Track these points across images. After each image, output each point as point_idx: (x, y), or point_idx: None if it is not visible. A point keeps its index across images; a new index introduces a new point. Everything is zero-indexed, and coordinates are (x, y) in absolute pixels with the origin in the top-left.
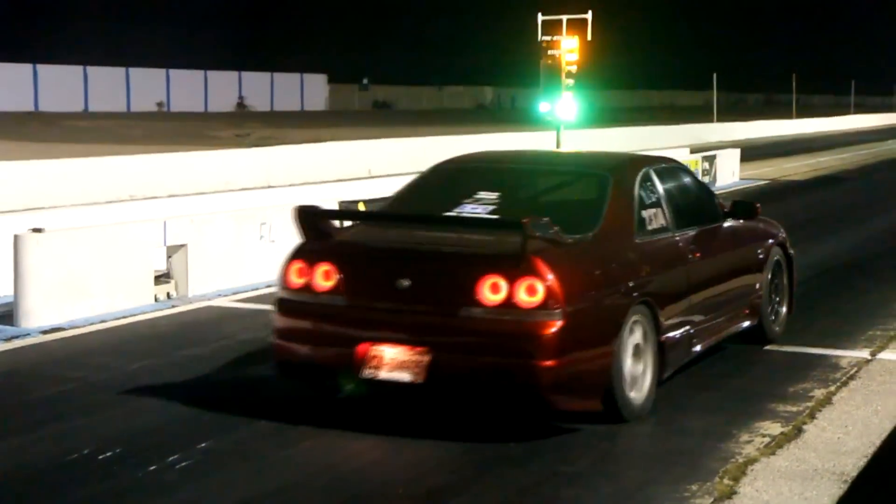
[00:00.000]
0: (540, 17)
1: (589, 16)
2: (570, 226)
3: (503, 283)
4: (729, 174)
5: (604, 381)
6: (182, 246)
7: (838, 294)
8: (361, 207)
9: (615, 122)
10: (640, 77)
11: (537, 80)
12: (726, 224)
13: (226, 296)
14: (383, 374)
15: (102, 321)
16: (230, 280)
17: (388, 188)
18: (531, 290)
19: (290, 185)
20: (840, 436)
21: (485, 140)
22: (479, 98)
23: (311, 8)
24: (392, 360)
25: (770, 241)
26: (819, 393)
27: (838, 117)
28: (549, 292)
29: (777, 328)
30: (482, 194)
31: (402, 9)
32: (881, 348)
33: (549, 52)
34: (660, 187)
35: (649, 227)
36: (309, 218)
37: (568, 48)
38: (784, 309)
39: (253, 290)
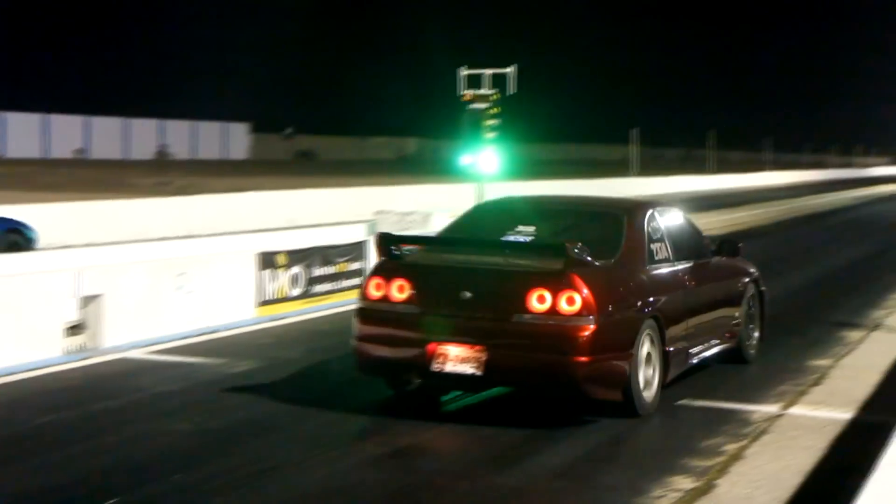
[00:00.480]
0: (463, 71)
1: (512, 70)
2: (593, 254)
3: (548, 295)
4: None
5: (624, 378)
6: (97, 296)
7: None
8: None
9: (537, 175)
10: (561, 131)
11: (460, 133)
12: (713, 260)
13: (141, 347)
14: (449, 368)
15: (10, 374)
16: (146, 331)
17: (311, 239)
18: (571, 301)
19: (211, 235)
20: (750, 491)
21: (406, 192)
22: (401, 149)
23: (235, 56)
24: (456, 357)
25: (746, 277)
26: (731, 448)
27: (754, 173)
28: (585, 303)
29: (752, 351)
30: (521, 227)
31: (326, 59)
32: (791, 403)
33: (472, 105)
34: (662, 225)
35: (656, 258)
36: (385, 242)
37: (490, 101)
38: (757, 334)
39: (170, 341)
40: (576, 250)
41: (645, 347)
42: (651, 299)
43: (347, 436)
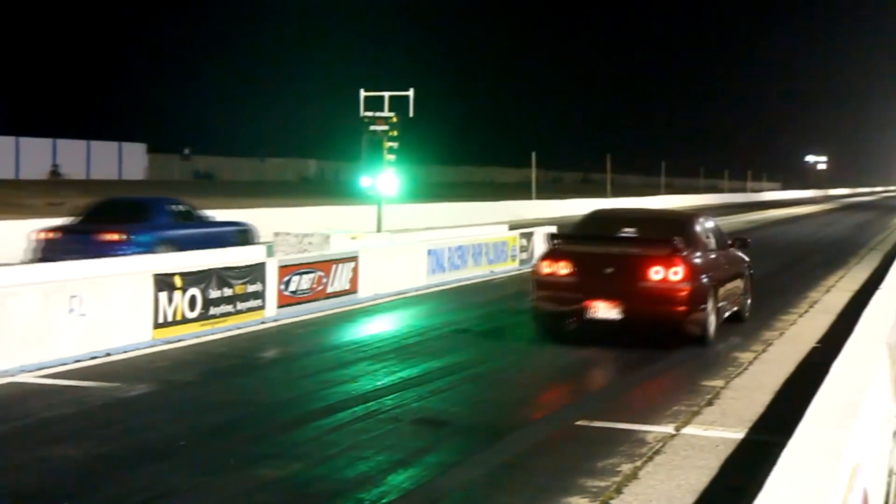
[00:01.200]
0: (363, 93)
1: (411, 93)
2: None
3: (662, 269)
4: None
5: (703, 322)
6: None
7: (645, 370)
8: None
9: (437, 197)
10: (461, 153)
11: (360, 155)
12: (731, 250)
13: (30, 371)
14: (599, 315)
15: None
16: (36, 355)
17: (209, 261)
18: (675, 273)
19: (105, 256)
20: None
21: (307, 213)
22: (302, 171)
23: (131, 76)
24: (603, 308)
25: (744, 262)
26: (626, 468)
27: (650, 197)
28: (683, 274)
29: (746, 313)
30: (625, 228)
31: (227, 79)
32: (685, 423)
33: (371, 127)
34: (707, 226)
35: (708, 248)
36: (552, 237)
37: (390, 124)
38: (749, 302)
39: (61, 364)
40: (677, 241)
41: (710, 303)
42: (711, 273)
43: (241, 461)
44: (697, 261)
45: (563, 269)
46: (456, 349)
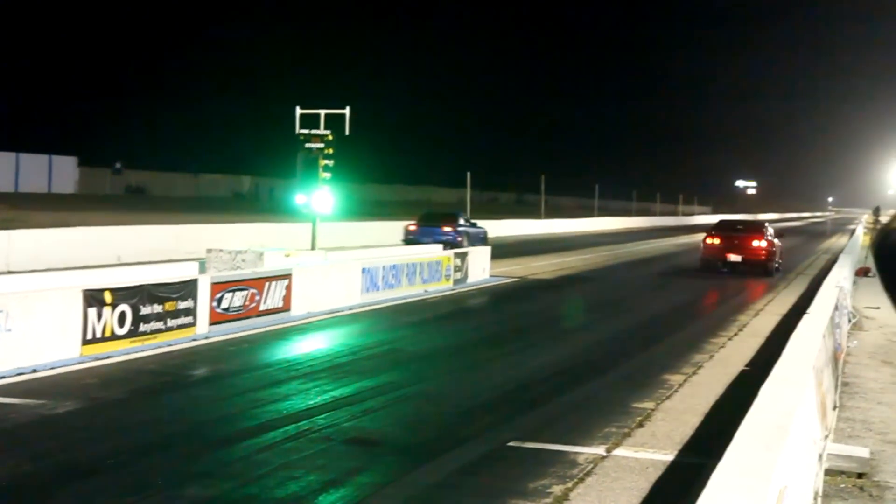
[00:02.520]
0: (298, 111)
1: (347, 111)
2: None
3: (756, 241)
4: (480, 271)
5: (771, 266)
6: None
7: (577, 392)
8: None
9: (372, 215)
10: (397, 172)
11: (295, 172)
12: (776, 239)
13: None
14: (730, 259)
15: None
16: None
17: (140, 277)
18: (761, 243)
19: (33, 271)
20: None
21: (241, 230)
22: (236, 187)
23: (62, 88)
24: (733, 256)
25: (778, 241)
26: (557, 489)
27: (583, 219)
28: (766, 244)
29: (779, 269)
30: (738, 226)
31: (160, 93)
32: (616, 445)
33: (307, 144)
34: (769, 226)
35: (770, 235)
36: (710, 230)
37: (325, 142)
38: (780, 262)
39: None
40: (762, 230)
41: (774, 257)
42: (772, 246)
43: (170, 480)
44: (768, 239)
45: (716, 240)
46: (389, 369)
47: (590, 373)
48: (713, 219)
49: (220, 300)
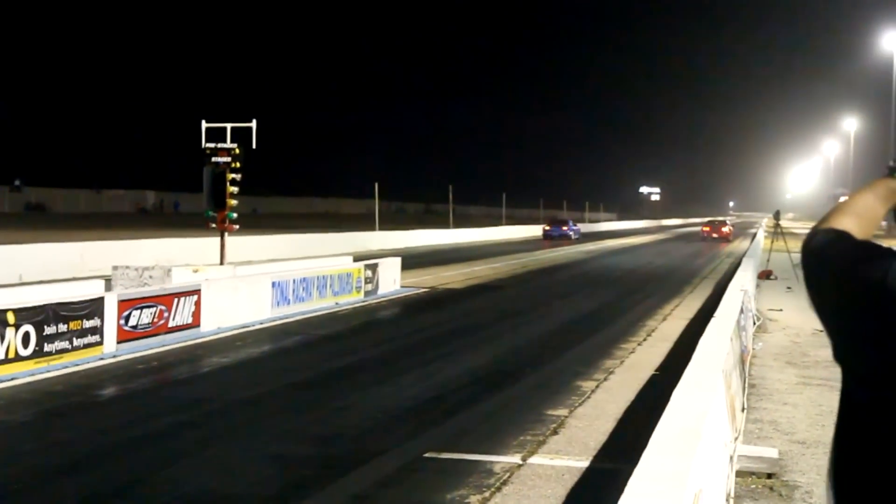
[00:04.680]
0: (204, 124)
1: (253, 124)
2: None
3: (726, 226)
4: (391, 282)
5: (731, 238)
6: None
7: (491, 401)
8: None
9: (280, 228)
10: (303, 184)
11: (201, 185)
12: (732, 226)
13: None
14: (713, 236)
15: None
16: None
17: (44, 296)
18: (727, 227)
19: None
20: None
21: (147, 245)
22: (140, 201)
23: None
24: (714, 234)
25: (731, 226)
26: (474, 499)
27: (491, 228)
28: (729, 228)
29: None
30: (716, 219)
31: (60, 109)
32: (531, 453)
33: (213, 158)
34: (730, 218)
35: (731, 223)
36: (707, 222)
37: (232, 155)
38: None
39: None
40: (727, 221)
41: (733, 234)
42: (732, 229)
43: (81, 503)
44: (731, 227)
45: (706, 228)
46: (299, 383)
47: (503, 381)
48: (619, 225)
49: (127, 318)
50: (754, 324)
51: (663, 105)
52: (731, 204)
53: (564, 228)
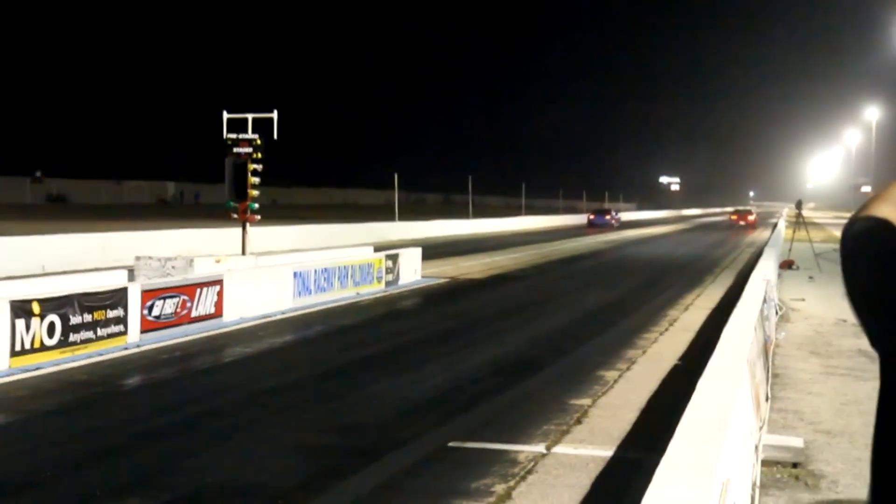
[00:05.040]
0: (225, 115)
1: (275, 115)
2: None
3: (752, 215)
4: (411, 272)
5: (757, 225)
6: None
7: (514, 391)
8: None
9: (301, 219)
10: (324, 175)
11: (223, 176)
12: (756, 215)
13: None
14: (739, 223)
15: None
16: None
17: (68, 286)
18: (753, 216)
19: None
20: None
21: (168, 236)
22: (160, 193)
23: None
24: (741, 222)
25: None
26: (500, 488)
27: (510, 218)
28: (755, 217)
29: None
30: (740, 211)
31: (80, 100)
32: (555, 443)
33: (235, 149)
34: (755, 208)
35: (756, 212)
36: (734, 211)
37: (254, 146)
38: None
39: None
40: (753, 210)
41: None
42: (756, 216)
43: (109, 492)
44: (756, 215)
45: (734, 216)
46: (324, 373)
47: (525, 371)
48: (639, 215)
49: (150, 308)
50: (777, 313)
51: (683, 96)
52: (752, 194)
53: (607, 217)
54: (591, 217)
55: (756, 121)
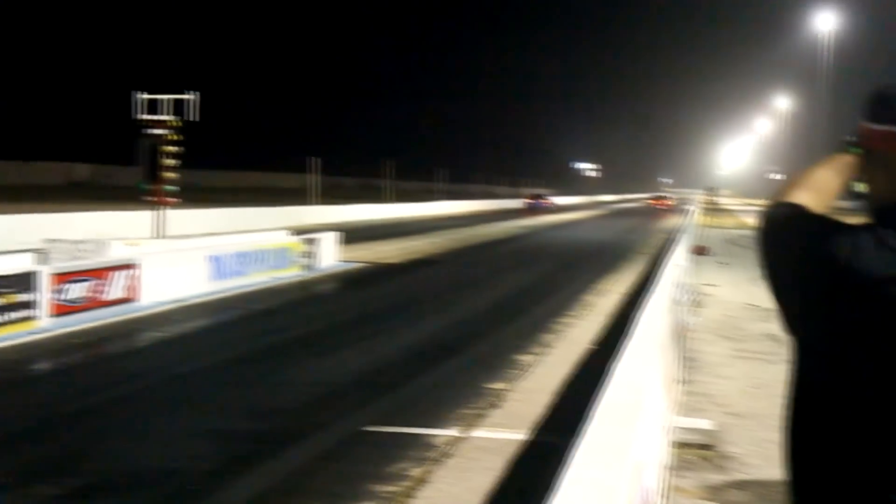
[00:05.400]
0: (141, 95)
1: (195, 96)
2: None
3: (669, 200)
4: (329, 256)
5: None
6: None
7: (431, 376)
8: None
9: (217, 202)
10: (240, 157)
11: (137, 158)
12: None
13: None
14: (657, 206)
15: None
16: None
17: None
18: (670, 200)
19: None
20: None
21: (79, 219)
22: (71, 174)
23: None
24: (657, 204)
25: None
26: (416, 472)
27: (429, 203)
28: (672, 201)
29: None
30: (660, 196)
31: None
32: (471, 426)
33: (150, 130)
34: (670, 193)
35: (671, 197)
36: (652, 196)
37: (170, 127)
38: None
39: None
40: (669, 195)
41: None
42: (673, 202)
43: (18, 477)
44: (673, 200)
45: (653, 201)
46: (239, 357)
47: (442, 356)
48: (557, 201)
49: (62, 292)
50: (689, 298)
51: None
52: (668, 181)
53: (543, 201)
54: (530, 201)
55: (672, 110)
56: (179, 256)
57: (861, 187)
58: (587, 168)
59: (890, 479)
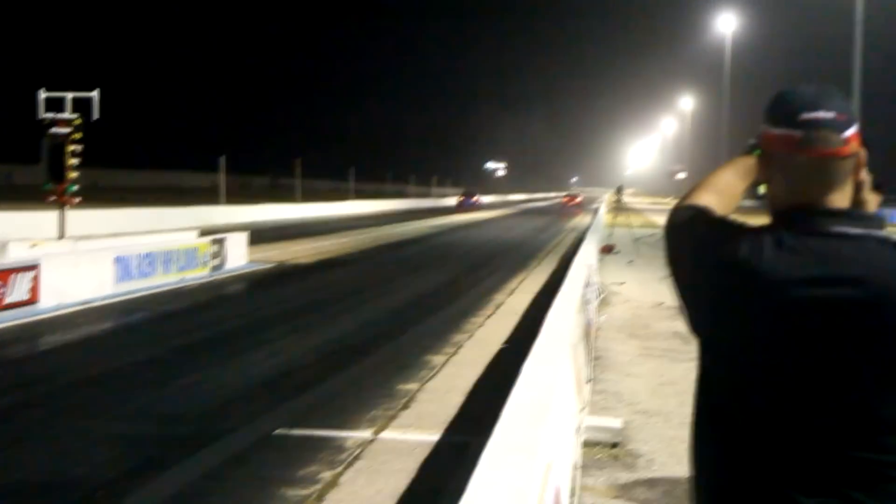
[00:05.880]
0: (42, 94)
1: (96, 94)
2: None
3: (577, 197)
4: (238, 257)
5: (583, 207)
6: None
7: (341, 377)
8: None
9: (122, 202)
10: (151, 156)
11: (38, 157)
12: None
13: None
14: (569, 205)
15: None
16: None
17: None
18: (579, 199)
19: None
20: None
21: None
22: None
23: None
24: (569, 203)
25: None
26: (326, 475)
27: (339, 202)
28: (580, 200)
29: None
30: (570, 194)
31: None
32: (382, 428)
33: (52, 129)
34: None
35: (581, 197)
36: (566, 194)
37: (73, 126)
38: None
39: None
40: (579, 195)
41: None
42: (582, 198)
43: None
44: (582, 197)
45: (565, 199)
46: (141, 361)
47: (352, 357)
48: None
49: None
50: (598, 297)
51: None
52: (575, 179)
53: (473, 200)
54: (461, 199)
55: (580, 111)
56: (84, 257)
57: (763, 189)
58: (497, 167)
59: (789, 476)
